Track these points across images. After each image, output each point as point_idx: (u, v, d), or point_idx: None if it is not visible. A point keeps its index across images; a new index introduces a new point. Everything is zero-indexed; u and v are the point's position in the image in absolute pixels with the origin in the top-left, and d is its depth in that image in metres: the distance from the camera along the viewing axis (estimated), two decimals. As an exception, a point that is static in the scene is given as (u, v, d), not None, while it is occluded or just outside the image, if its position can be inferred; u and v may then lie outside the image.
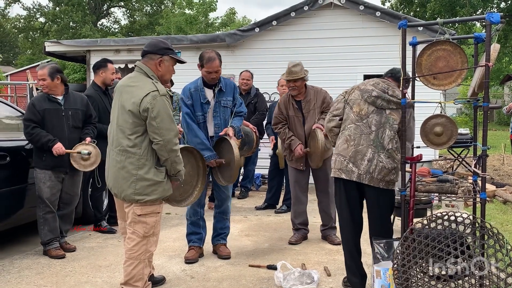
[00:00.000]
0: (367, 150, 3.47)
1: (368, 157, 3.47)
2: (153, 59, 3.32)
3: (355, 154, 3.51)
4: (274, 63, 8.61)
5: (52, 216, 4.75)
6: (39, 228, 4.73)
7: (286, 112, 5.12)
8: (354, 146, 3.52)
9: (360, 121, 3.54)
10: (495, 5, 26.61)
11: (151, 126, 3.14)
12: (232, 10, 36.42)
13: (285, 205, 6.67)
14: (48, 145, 4.62)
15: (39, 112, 4.65)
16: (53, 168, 4.70)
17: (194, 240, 4.57)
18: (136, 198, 3.21)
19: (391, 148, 3.44)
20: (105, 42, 9.75)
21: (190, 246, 4.58)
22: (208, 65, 4.30)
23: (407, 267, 3.00)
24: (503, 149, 11.90)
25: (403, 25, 3.29)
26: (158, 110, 3.12)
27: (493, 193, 7.35)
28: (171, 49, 3.39)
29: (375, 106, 3.51)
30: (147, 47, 3.36)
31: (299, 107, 5.08)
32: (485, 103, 3.07)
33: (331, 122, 3.76)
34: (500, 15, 3.03)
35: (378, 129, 3.48)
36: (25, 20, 39.85)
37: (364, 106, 3.55)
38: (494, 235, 2.96)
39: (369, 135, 3.49)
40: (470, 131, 8.58)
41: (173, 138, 3.19)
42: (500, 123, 24.16)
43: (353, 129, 3.56)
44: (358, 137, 3.52)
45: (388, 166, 3.44)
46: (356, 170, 3.49)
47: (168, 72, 3.40)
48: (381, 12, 8.33)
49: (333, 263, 4.43)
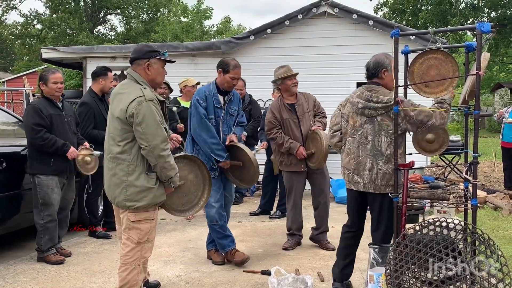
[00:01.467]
0: (366, 160, 3.54)
1: (368, 166, 3.53)
2: (141, 64, 3.31)
3: (357, 166, 3.59)
4: (268, 71, 8.56)
5: (54, 225, 4.72)
6: (39, 236, 4.68)
7: (280, 116, 5.13)
8: (355, 158, 3.60)
9: (356, 133, 3.60)
10: (485, 15, 26.94)
11: (137, 132, 3.14)
12: (227, 18, 36.52)
13: (279, 210, 6.71)
14: (64, 149, 4.63)
15: (46, 117, 4.63)
16: (61, 173, 4.71)
17: (228, 244, 4.60)
18: (127, 205, 3.22)
19: (389, 153, 3.48)
20: (101, 49, 9.78)
21: (231, 250, 4.59)
22: (234, 71, 4.40)
23: (399, 272, 3.04)
24: (493, 156, 12.00)
25: (396, 34, 3.36)
26: (144, 115, 3.11)
27: (484, 199, 7.42)
28: (156, 51, 3.36)
29: (366, 116, 3.56)
30: (133, 54, 3.36)
31: (293, 110, 5.13)
32: (476, 111, 3.13)
33: (334, 138, 3.88)
34: (491, 25, 3.10)
35: (374, 137, 3.52)
36: (22, 26, 39.79)
37: (357, 118, 3.60)
38: (485, 241, 3.01)
39: (366, 145, 3.54)
40: (461, 138, 8.67)
41: (160, 144, 3.16)
42: (491, 130, 24.35)
43: (351, 142, 3.64)
44: (356, 149, 3.59)
45: (389, 171, 3.48)
46: (361, 181, 3.59)
47: (158, 74, 3.37)
48: (374, 21, 8.45)
49: (326, 268, 4.46)
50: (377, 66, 3.59)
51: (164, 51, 3.45)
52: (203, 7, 32.54)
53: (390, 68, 3.54)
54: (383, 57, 3.60)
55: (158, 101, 3.27)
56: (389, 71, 3.56)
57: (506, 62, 33.64)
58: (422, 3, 27.65)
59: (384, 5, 30.63)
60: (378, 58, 3.61)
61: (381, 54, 3.66)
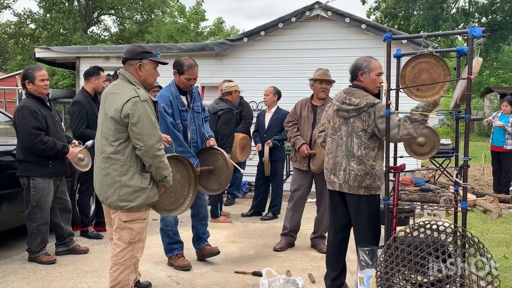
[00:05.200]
0: (342, 160, 3.59)
1: (343, 167, 3.58)
2: (133, 65, 3.31)
3: (334, 165, 3.64)
4: (262, 73, 8.76)
5: (46, 227, 4.69)
6: (31, 238, 4.64)
7: (299, 112, 5.25)
8: (332, 158, 3.66)
9: (335, 134, 3.66)
10: (476, 20, 27.21)
11: (132, 132, 3.14)
12: (220, 20, 36.53)
13: (271, 212, 6.74)
14: (64, 152, 4.61)
15: (42, 119, 4.55)
16: (60, 174, 4.70)
17: (178, 249, 4.60)
18: (120, 205, 3.22)
19: (360, 154, 3.50)
20: (95, 49, 9.77)
21: (177, 254, 4.58)
22: (189, 72, 4.29)
23: (390, 274, 3.06)
24: (483, 159, 12.12)
25: (388, 37, 3.39)
26: (139, 115, 3.12)
27: (473, 203, 7.48)
28: (149, 52, 3.36)
29: (342, 118, 3.61)
30: (125, 54, 3.36)
31: (313, 110, 5.19)
32: (467, 115, 3.16)
33: (319, 138, 3.97)
34: (482, 30, 3.14)
35: (347, 138, 3.57)
36: (16, 26, 39.50)
37: (336, 119, 3.66)
38: (475, 243, 3.04)
39: (342, 146, 3.60)
40: (452, 142, 8.75)
41: (156, 144, 3.17)
42: (481, 134, 24.57)
43: (330, 143, 3.71)
44: (335, 149, 3.65)
45: (360, 173, 3.50)
46: (337, 181, 3.63)
47: (150, 75, 3.37)
48: (367, 25, 8.52)
49: (317, 270, 4.48)
50: (355, 69, 3.66)
51: (157, 52, 3.45)
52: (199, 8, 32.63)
53: (368, 70, 3.58)
54: (362, 60, 3.65)
55: (152, 101, 3.28)
56: (366, 73, 3.60)
57: (496, 67, 33.97)
58: (414, 7, 27.84)
59: (376, 9, 30.80)
60: (357, 61, 3.68)
61: (361, 57, 3.70)
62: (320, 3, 8.61)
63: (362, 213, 3.58)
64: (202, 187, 4.50)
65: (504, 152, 8.55)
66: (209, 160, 4.49)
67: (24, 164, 4.59)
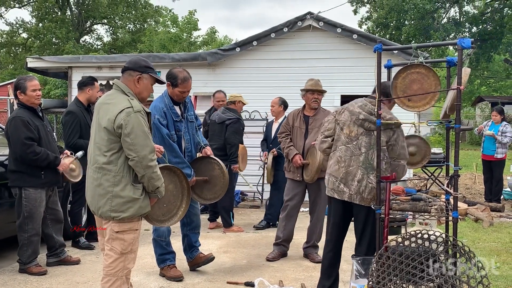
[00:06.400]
0: (357, 171, 3.57)
1: (358, 178, 3.56)
2: (132, 76, 3.34)
3: (346, 175, 3.61)
4: (254, 82, 8.81)
5: (38, 238, 4.65)
6: (22, 249, 4.60)
7: (292, 123, 5.28)
8: (345, 167, 3.62)
9: (350, 142, 3.63)
10: (467, 30, 27.52)
11: (125, 143, 3.15)
12: (212, 29, 36.68)
13: (265, 220, 6.72)
14: (55, 163, 4.58)
15: (34, 129, 4.53)
16: (52, 185, 4.68)
17: (171, 259, 4.58)
18: (112, 215, 3.21)
19: (381, 168, 3.52)
20: (87, 58, 9.77)
21: (170, 264, 4.55)
22: (183, 85, 4.29)
23: (382, 284, 3.07)
24: (474, 168, 12.19)
25: (379, 48, 3.41)
26: (132, 126, 3.13)
27: (465, 212, 7.51)
28: (151, 68, 3.42)
29: (364, 128, 3.60)
30: (128, 64, 3.40)
31: (305, 121, 5.22)
32: (456, 125, 3.19)
33: (324, 143, 3.87)
34: (471, 41, 3.17)
35: (368, 150, 3.56)
36: (8, 35, 39.31)
37: (353, 128, 3.63)
38: (466, 253, 3.06)
39: (359, 157, 3.58)
40: (443, 151, 8.80)
41: (149, 154, 3.18)
42: (472, 143, 24.73)
43: (343, 151, 3.65)
44: (349, 158, 3.61)
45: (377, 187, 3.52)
46: (347, 191, 3.60)
47: (146, 89, 3.40)
48: (358, 35, 8.61)
49: (310, 280, 4.48)
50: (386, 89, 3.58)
51: (158, 71, 3.48)
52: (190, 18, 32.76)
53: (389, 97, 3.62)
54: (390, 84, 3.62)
55: (145, 112, 3.30)
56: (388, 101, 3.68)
57: (487, 76, 34.33)
58: (405, 17, 28.11)
59: (368, 19, 31.10)
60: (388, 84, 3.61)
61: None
62: (312, 14, 8.70)
63: (369, 225, 3.60)
64: (196, 196, 4.51)
65: (495, 161, 8.62)
66: (205, 169, 4.50)
67: (16, 174, 4.56)
